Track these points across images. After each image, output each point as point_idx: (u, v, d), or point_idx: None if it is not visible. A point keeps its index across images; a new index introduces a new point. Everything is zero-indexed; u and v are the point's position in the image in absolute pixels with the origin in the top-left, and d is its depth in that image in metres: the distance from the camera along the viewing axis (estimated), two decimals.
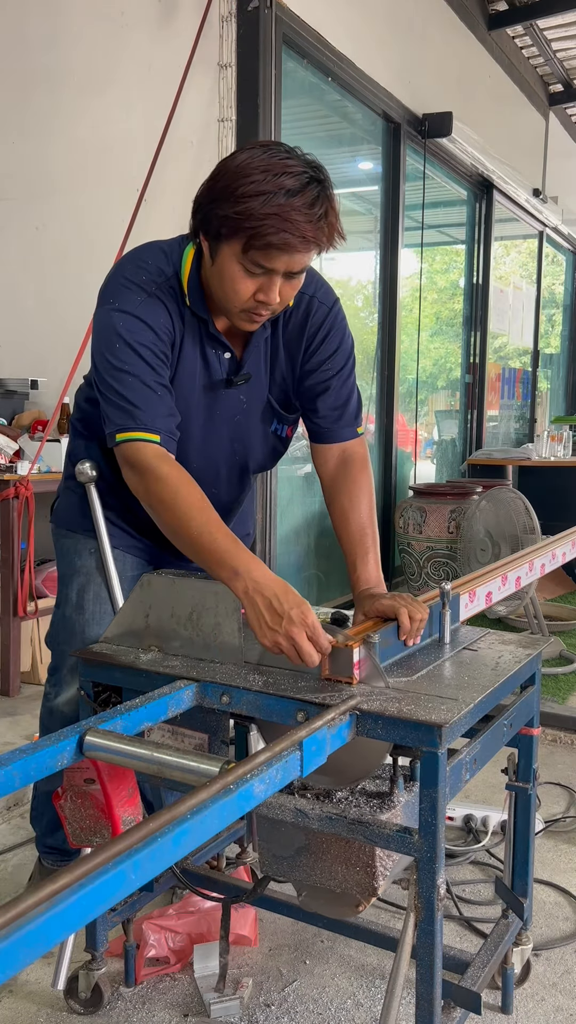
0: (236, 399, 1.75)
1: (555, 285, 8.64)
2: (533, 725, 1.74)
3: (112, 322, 1.57)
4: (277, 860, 1.48)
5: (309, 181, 1.44)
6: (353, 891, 1.42)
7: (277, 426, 1.84)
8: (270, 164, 1.44)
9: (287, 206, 1.42)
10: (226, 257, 1.51)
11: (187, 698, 1.43)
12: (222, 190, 1.46)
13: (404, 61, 4.82)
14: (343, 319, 1.79)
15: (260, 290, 1.52)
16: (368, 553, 1.71)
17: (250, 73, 3.52)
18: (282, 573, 4.22)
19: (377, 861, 1.39)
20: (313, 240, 1.46)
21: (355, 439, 1.82)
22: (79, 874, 0.83)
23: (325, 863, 1.43)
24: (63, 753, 1.24)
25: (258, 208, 1.42)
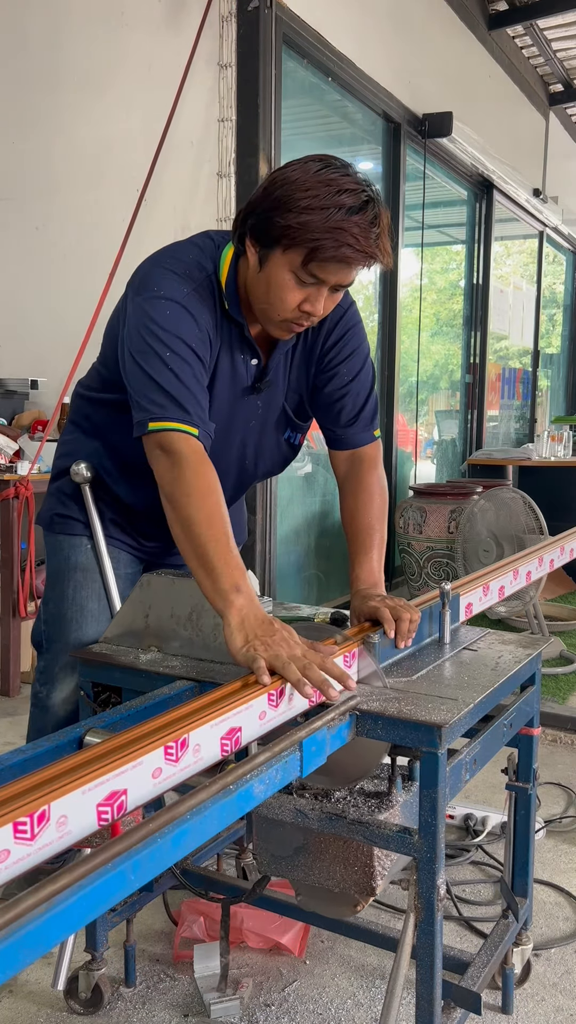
0: (254, 405, 1.74)
1: (555, 285, 8.64)
2: (533, 725, 1.74)
3: (155, 310, 1.53)
4: (275, 860, 1.48)
5: (368, 200, 1.47)
6: (351, 891, 1.43)
7: (291, 434, 1.84)
8: (330, 179, 1.45)
9: (349, 223, 1.43)
10: (278, 266, 1.50)
11: (187, 698, 1.43)
12: (282, 200, 1.46)
13: (404, 61, 4.82)
14: (359, 322, 1.78)
15: (307, 300, 1.53)
16: (367, 553, 1.70)
17: (250, 73, 3.52)
18: (282, 573, 4.22)
19: (375, 861, 1.39)
20: (370, 256, 1.48)
21: (370, 443, 1.82)
22: (79, 874, 0.83)
23: (323, 863, 1.43)
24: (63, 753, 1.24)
25: (321, 222, 1.43)
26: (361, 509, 1.74)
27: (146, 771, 1.00)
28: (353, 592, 1.67)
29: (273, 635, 1.30)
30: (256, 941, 1.92)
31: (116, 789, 0.95)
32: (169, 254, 1.63)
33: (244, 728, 1.16)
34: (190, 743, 1.06)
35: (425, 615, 1.64)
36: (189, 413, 1.49)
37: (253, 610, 1.34)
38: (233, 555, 1.39)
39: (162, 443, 1.48)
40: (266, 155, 3.56)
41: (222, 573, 1.36)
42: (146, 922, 2.02)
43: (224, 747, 1.12)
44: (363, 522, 1.73)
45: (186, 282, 1.57)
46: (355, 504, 1.76)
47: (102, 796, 0.94)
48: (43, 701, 1.90)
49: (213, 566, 1.37)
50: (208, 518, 1.41)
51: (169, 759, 1.03)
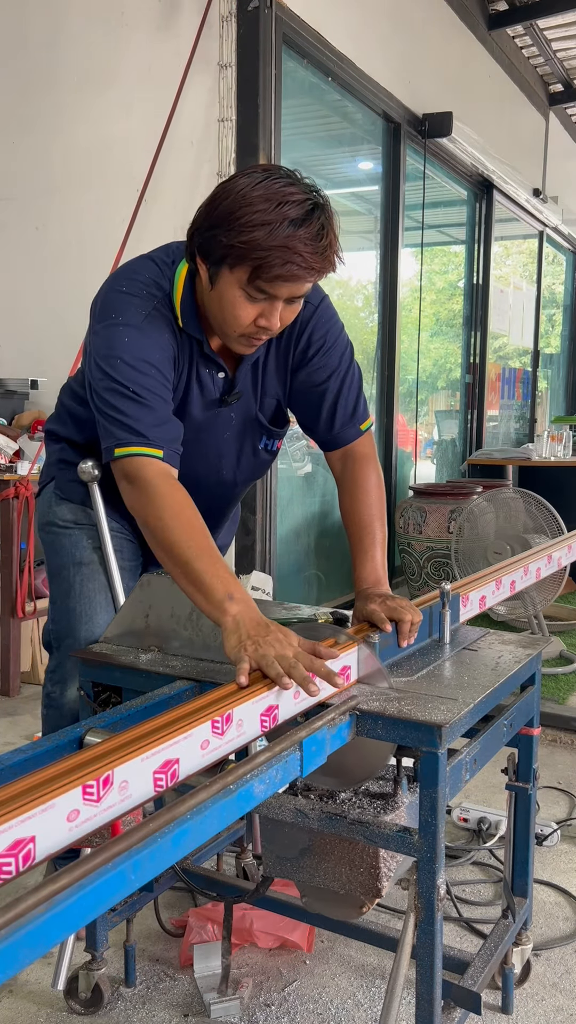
0: (227, 417, 1.74)
1: (555, 285, 8.64)
2: (533, 725, 1.74)
3: (115, 337, 1.53)
4: (281, 861, 1.48)
5: (313, 209, 1.43)
6: (357, 892, 1.42)
7: (267, 442, 1.84)
8: (272, 192, 1.41)
9: (293, 238, 1.40)
10: (228, 283, 1.49)
11: (187, 698, 1.43)
12: (224, 217, 1.44)
13: (404, 61, 4.82)
14: (333, 315, 1.75)
15: (262, 315, 1.51)
16: (368, 551, 1.70)
17: (250, 73, 3.52)
18: (282, 573, 4.22)
19: (381, 863, 1.39)
20: (318, 269, 1.46)
21: (359, 438, 1.81)
22: (79, 874, 0.83)
23: (329, 864, 1.43)
24: (63, 753, 1.24)
25: (264, 239, 1.40)
26: (359, 508, 1.74)
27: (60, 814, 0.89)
28: (356, 592, 1.67)
29: (267, 635, 1.29)
30: (266, 940, 1.92)
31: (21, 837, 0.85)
32: (125, 276, 1.62)
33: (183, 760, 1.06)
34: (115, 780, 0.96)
35: (425, 615, 1.64)
36: (149, 437, 1.50)
37: (249, 613, 1.34)
38: (220, 565, 1.39)
39: (127, 471, 1.49)
40: (266, 155, 3.56)
41: (212, 586, 1.36)
42: (146, 922, 2.02)
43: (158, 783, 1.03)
44: (363, 520, 1.73)
45: (144, 304, 1.57)
46: (353, 503, 1.75)
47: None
48: (56, 700, 1.90)
49: (202, 582, 1.37)
50: (186, 536, 1.41)
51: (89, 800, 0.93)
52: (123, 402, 1.50)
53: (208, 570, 1.37)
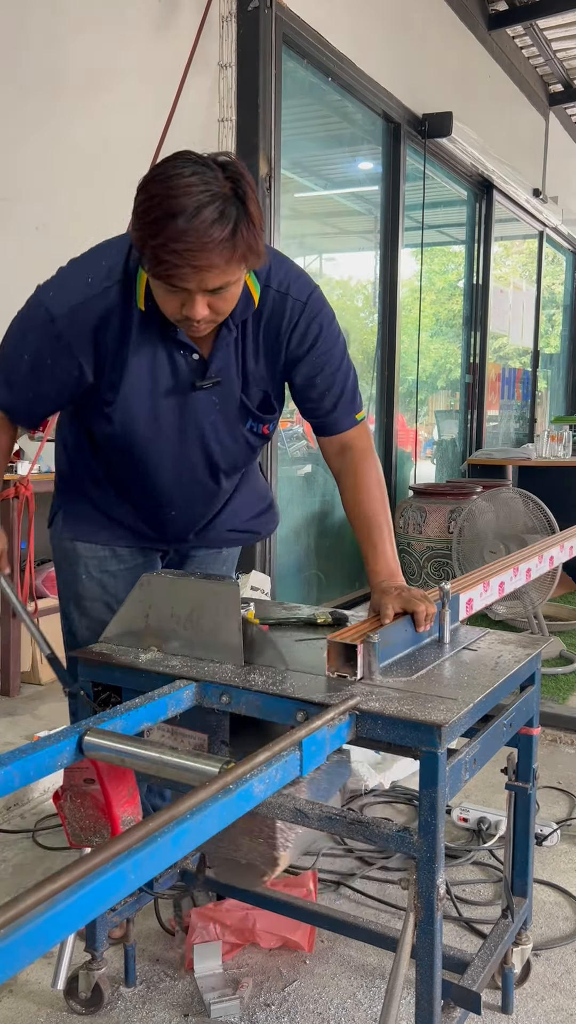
0: (209, 401, 1.73)
1: (555, 285, 8.65)
2: (533, 725, 1.74)
3: (29, 307, 1.69)
4: None
5: (213, 199, 1.39)
6: (257, 862, 1.44)
7: (253, 424, 1.82)
8: (168, 186, 1.39)
9: (181, 232, 1.37)
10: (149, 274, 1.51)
11: (187, 698, 1.43)
12: (134, 212, 1.46)
13: (404, 61, 4.82)
14: (324, 308, 1.74)
15: (184, 305, 1.50)
16: (378, 545, 1.71)
17: (250, 73, 3.52)
18: (282, 573, 4.22)
19: (278, 833, 1.40)
20: (212, 265, 1.42)
21: (354, 427, 1.81)
22: (79, 874, 0.83)
23: (231, 835, 1.44)
24: (63, 753, 1.24)
25: (152, 235, 1.40)
26: (364, 501, 1.75)
27: None
28: (372, 586, 1.69)
29: None
30: (268, 940, 1.92)
31: None
32: (84, 263, 1.69)
33: None
34: None
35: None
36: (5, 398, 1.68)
37: None
38: None
39: None
40: (266, 155, 3.56)
41: None
42: (146, 922, 2.02)
43: None
44: (368, 514, 1.73)
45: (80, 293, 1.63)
46: (357, 497, 1.76)
47: None
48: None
49: None
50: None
51: None
52: None
53: None
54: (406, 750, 1.34)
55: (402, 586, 1.63)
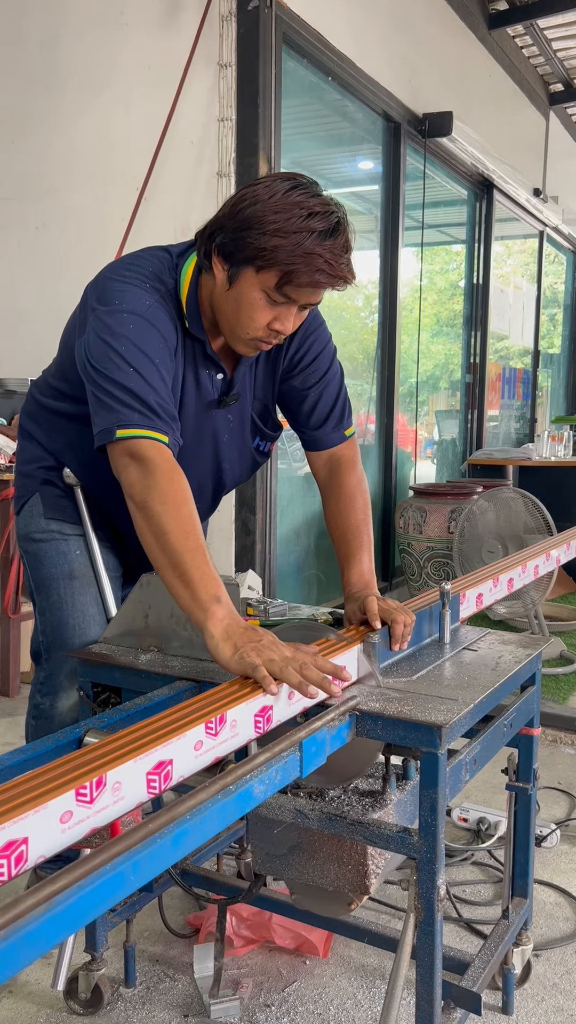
0: (225, 419, 1.74)
1: (556, 285, 8.64)
2: (533, 725, 1.74)
3: (121, 322, 1.50)
4: (270, 859, 1.48)
5: (338, 223, 1.47)
6: (345, 889, 1.43)
7: (260, 443, 1.85)
8: (304, 202, 1.45)
9: (323, 248, 1.45)
10: (249, 285, 1.50)
11: (186, 699, 1.43)
12: (254, 220, 1.46)
13: (404, 61, 4.82)
14: (322, 323, 1.78)
15: (277, 319, 1.53)
16: (355, 556, 1.70)
17: (250, 73, 3.52)
18: (282, 573, 4.22)
19: (369, 860, 1.39)
20: (342, 280, 1.50)
21: (342, 443, 1.82)
22: (79, 874, 0.83)
23: (317, 861, 1.43)
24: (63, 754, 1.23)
25: (294, 247, 1.44)
26: (344, 513, 1.75)
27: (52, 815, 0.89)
28: (346, 596, 1.66)
29: (260, 640, 1.28)
30: (284, 937, 1.91)
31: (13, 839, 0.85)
32: (127, 266, 1.60)
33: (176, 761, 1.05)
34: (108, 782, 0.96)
35: (425, 615, 1.64)
36: (159, 420, 1.46)
37: (234, 619, 1.32)
38: (210, 566, 1.37)
39: (131, 450, 1.45)
40: (266, 155, 3.55)
41: (200, 584, 1.33)
42: (146, 922, 2.02)
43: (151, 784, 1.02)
44: (349, 526, 1.73)
45: (149, 294, 1.55)
46: (337, 508, 1.76)
47: None
48: (46, 712, 1.87)
49: (190, 577, 1.34)
50: (184, 529, 1.38)
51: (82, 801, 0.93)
52: (127, 385, 1.46)
53: (200, 567, 1.35)
54: (407, 750, 1.34)
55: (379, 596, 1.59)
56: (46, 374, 1.85)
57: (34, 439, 1.85)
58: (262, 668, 1.22)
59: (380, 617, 1.51)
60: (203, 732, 1.09)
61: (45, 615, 1.83)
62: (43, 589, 1.82)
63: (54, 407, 1.79)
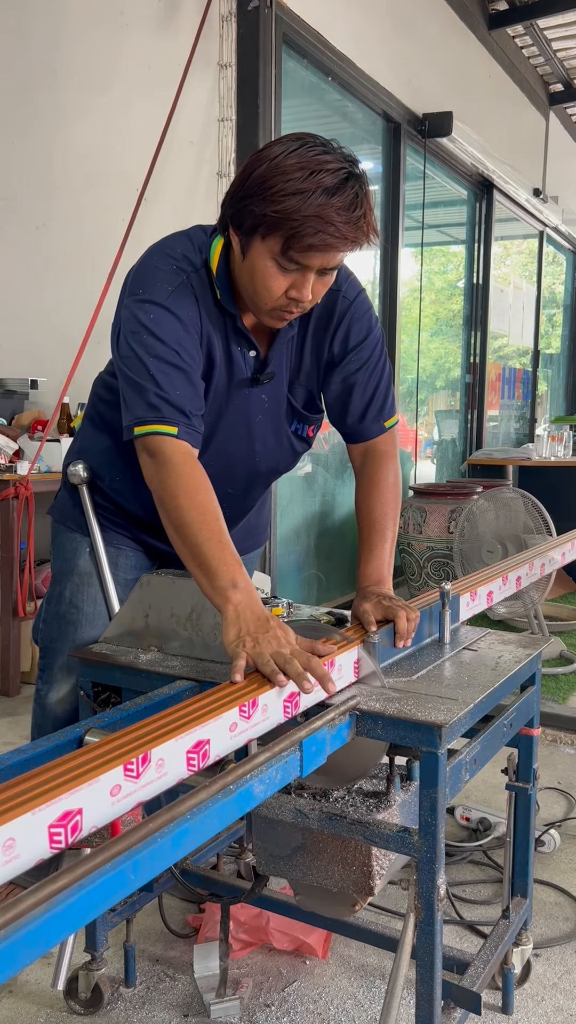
0: (259, 398, 1.71)
1: (555, 285, 8.64)
2: (533, 725, 1.74)
3: (139, 313, 1.51)
4: (274, 859, 1.48)
5: (347, 178, 1.41)
6: (350, 890, 1.42)
7: (298, 426, 1.81)
8: (306, 160, 1.40)
9: (327, 206, 1.39)
10: (259, 253, 1.47)
11: (187, 698, 1.43)
12: (257, 185, 1.42)
13: (404, 61, 4.82)
14: (368, 310, 1.73)
15: (293, 287, 1.49)
16: (375, 549, 1.68)
17: (250, 73, 3.52)
18: (282, 573, 4.22)
19: (374, 861, 1.39)
20: (352, 240, 1.44)
21: (382, 435, 1.79)
22: (79, 874, 0.83)
23: (322, 862, 1.43)
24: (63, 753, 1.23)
25: (297, 208, 1.38)
26: (372, 505, 1.73)
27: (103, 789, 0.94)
28: (357, 589, 1.66)
29: (266, 632, 1.29)
30: (281, 941, 1.91)
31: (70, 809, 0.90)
32: (157, 251, 1.60)
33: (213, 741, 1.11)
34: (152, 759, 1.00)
35: (425, 615, 1.64)
36: (165, 414, 1.48)
37: (251, 605, 1.33)
38: (229, 551, 1.38)
39: (148, 446, 1.49)
40: None
41: (218, 570, 1.36)
42: (146, 922, 2.02)
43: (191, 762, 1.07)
44: (374, 517, 1.71)
45: (171, 279, 1.55)
46: (365, 500, 1.74)
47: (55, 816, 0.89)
48: (43, 699, 1.89)
49: (208, 564, 1.37)
50: (199, 517, 1.40)
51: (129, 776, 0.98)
52: (143, 378, 1.49)
53: (216, 555, 1.37)
54: (407, 750, 1.34)
55: (386, 593, 1.59)
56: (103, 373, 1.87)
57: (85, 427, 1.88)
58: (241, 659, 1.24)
59: (384, 615, 1.52)
60: (237, 715, 1.15)
61: (50, 604, 1.87)
62: (53, 579, 1.88)
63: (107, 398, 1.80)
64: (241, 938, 1.92)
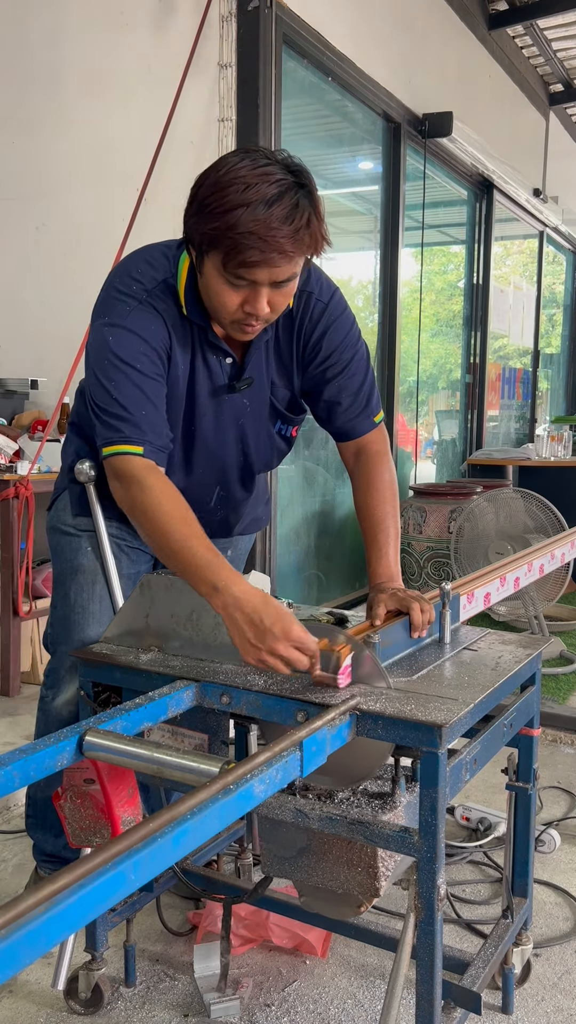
0: (240, 403, 1.74)
1: (555, 285, 8.64)
2: (533, 725, 1.74)
3: (102, 337, 1.56)
4: (279, 860, 1.48)
5: (287, 189, 1.41)
6: (355, 892, 1.42)
7: (281, 426, 1.84)
8: (246, 175, 1.40)
9: (263, 220, 1.38)
10: (210, 270, 1.50)
11: (187, 698, 1.43)
12: (201, 204, 1.44)
13: (404, 61, 4.82)
14: (344, 311, 1.74)
15: (247, 302, 1.50)
16: (382, 548, 1.72)
17: (250, 73, 3.52)
18: (282, 573, 4.22)
19: (379, 862, 1.39)
20: (293, 252, 1.44)
21: (372, 431, 1.81)
22: (79, 874, 0.83)
23: (327, 864, 1.43)
24: (63, 753, 1.24)
25: (233, 223, 1.39)
26: (373, 504, 1.75)
27: None
28: (371, 587, 1.70)
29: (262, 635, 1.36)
30: (281, 937, 1.91)
31: None
32: (117, 273, 1.64)
33: None
34: None
35: None
36: (131, 432, 1.52)
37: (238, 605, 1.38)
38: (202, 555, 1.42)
39: (114, 468, 1.54)
40: None
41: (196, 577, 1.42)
42: (146, 922, 2.02)
43: None
44: (376, 517, 1.74)
45: (130, 300, 1.58)
46: (367, 500, 1.77)
47: None
48: (48, 703, 1.89)
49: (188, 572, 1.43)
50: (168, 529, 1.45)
51: None
52: (107, 401, 1.54)
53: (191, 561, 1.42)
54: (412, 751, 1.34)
55: (399, 588, 1.63)
56: None
57: (72, 436, 1.90)
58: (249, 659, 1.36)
59: (399, 607, 1.57)
60: None
61: (56, 608, 1.88)
62: (57, 582, 1.89)
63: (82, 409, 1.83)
64: (241, 934, 1.92)
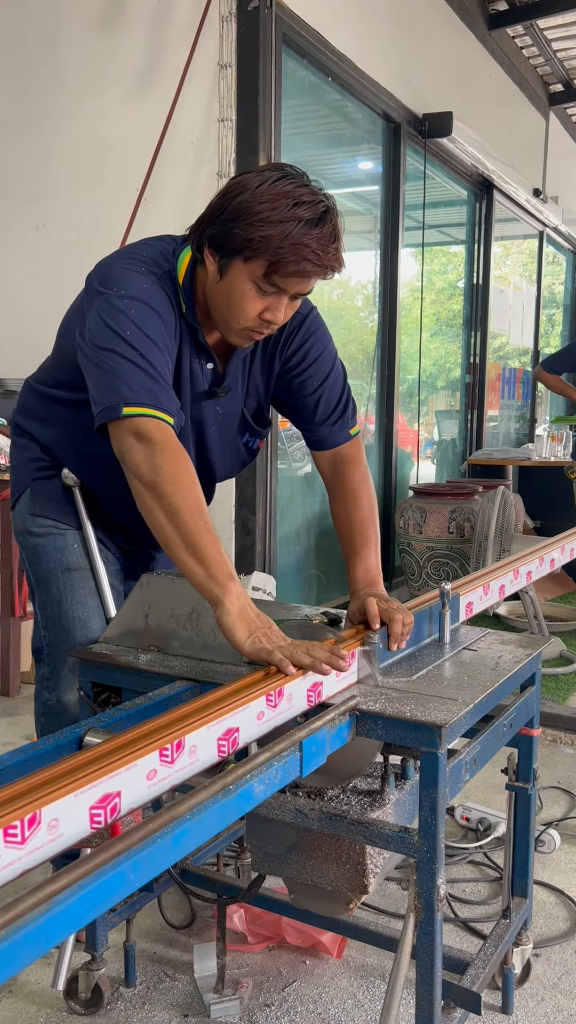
0: (213, 410, 1.75)
1: (555, 285, 8.64)
2: (533, 725, 1.74)
3: (122, 306, 1.51)
4: (268, 858, 1.48)
5: (326, 211, 1.49)
6: (344, 889, 1.43)
7: (249, 439, 1.86)
8: (287, 191, 1.47)
9: (310, 236, 1.46)
10: (239, 275, 1.51)
11: (187, 698, 1.43)
12: (241, 211, 1.47)
13: (404, 61, 4.82)
14: (320, 325, 1.79)
15: (268, 309, 1.55)
16: (361, 552, 1.71)
17: (250, 73, 3.52)
18: (282, 573, 4.22)
19: (368, 859, 1.39)
20: (329, 268, 1.51)
21: (347, 442, 1.83)
22: (79, 874, 0.83)
23: (316, 861, 1.43)
24: (63, 753, 1.24)
25: (284, 235, 1.45)
26: (349, 511, 1.76)
27: (140, 773, 1.00)
28: (351, 593, 1.67)
29: (271, 627, 1.35)
30: (295, 937, 1.91)
31: (109, 792, 0.95)
32: (126, 254, 1.63)
33: (242, 729, 1.17)
34: (186, 745, 1.06)
35: (425, 615, 1.64)
36: (163, 403, 1.47)
37: (248, 601, 1.37)
38: (221, 547, 1.40)
39: (137, 430, 1.44)
40: (266, 155, 3.56)
41: (216, 562, 1.37)
42: (146, 922, 2.02)
43: (221, 748, 1.13)
44: (355, 523, 1.74)
45: (147, 277, 1.57)
46: (343, 507, 1.77)
47: (95, 799, 0.93)
48: (54, 707, 1.86)
49: (205, 555, 1.37)
50: (196, 508, 1.40)
51: (164, 761, 1.03)
52: (132, 364, 1.48)
53: (215, 546, 1.38)
54: (401, 749, 1.34)
55: (381, 594, 1.60)
56: (43, 365, 1.89)
57: (26, 434, 1.87)
58: (277, 652, 1.29)
59: (379, 617, 1.52)
60: (264, 704, 1.21)
61: (46, 609, 1.83)
62: (42, 584, 1.83)
63: (50, 394, 1.81)
64: (259, 932, 1.92)
